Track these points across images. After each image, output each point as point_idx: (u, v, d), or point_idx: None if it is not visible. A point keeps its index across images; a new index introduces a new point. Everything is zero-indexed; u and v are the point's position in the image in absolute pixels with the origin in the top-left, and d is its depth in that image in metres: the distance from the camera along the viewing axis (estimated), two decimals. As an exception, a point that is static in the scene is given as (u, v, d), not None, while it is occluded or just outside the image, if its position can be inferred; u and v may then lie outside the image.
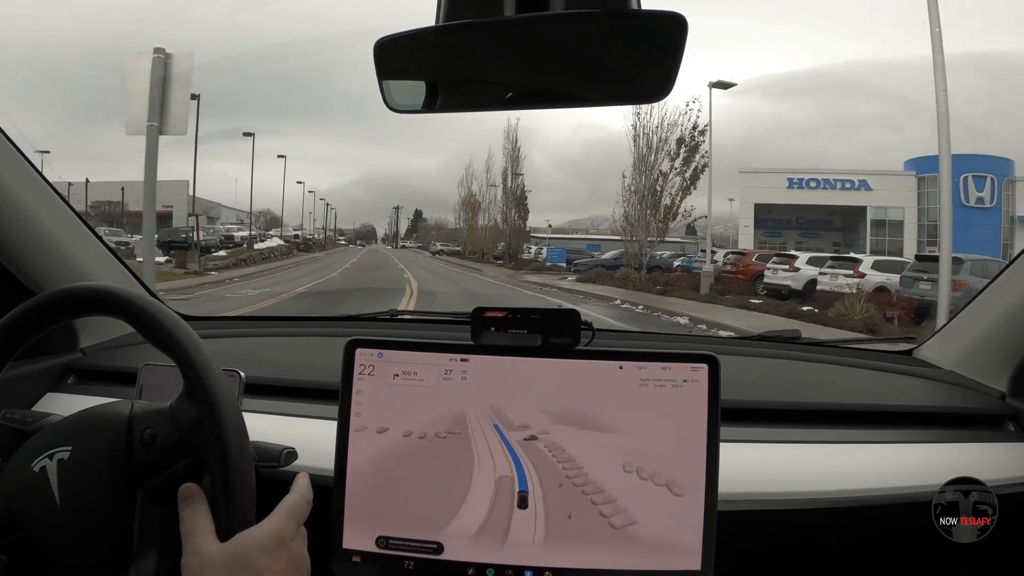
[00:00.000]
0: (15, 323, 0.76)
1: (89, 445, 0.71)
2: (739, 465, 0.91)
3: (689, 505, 0.80)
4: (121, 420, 0.72)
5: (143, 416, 0.72)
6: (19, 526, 0.70)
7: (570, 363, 0.83)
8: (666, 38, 0.70)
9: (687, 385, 0.82)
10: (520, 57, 0.76)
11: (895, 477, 0.95)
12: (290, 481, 0.95)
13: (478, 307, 0.86)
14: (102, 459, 0.70)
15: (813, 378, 1.23)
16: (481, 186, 30.65)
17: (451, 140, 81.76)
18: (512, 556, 0.81)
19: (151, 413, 0.73)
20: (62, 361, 1.24)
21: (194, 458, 0.71)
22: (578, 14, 0.72)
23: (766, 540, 0.94)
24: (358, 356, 0.85)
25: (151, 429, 0.71)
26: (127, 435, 0.71)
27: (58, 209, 1.18)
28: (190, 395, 0.69)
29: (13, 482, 0.72)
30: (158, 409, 0.73)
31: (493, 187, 29.15)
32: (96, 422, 0.73)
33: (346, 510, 0.83)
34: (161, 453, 0.71)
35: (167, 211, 29.60)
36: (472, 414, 0.83)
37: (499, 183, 27.51)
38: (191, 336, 0.71)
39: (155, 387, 1.00)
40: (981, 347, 1.14)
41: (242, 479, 0.66)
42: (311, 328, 1.60)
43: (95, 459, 0.70)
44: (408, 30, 0.76)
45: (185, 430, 0.70)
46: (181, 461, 0.71)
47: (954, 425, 1.06)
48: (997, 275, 1.13)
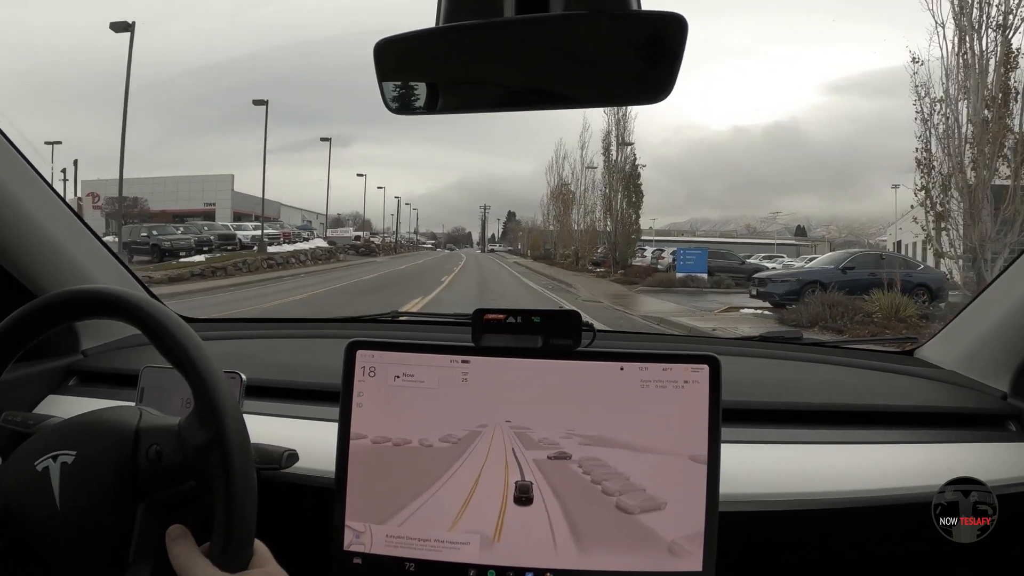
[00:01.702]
0: (17, 325, 0.76)
1: (94, 452, 0.71)
2: (740, 466, 0.91)
3: (690, 506, 0.80)
4: (128, 431, 0.72)
5: (150, 431, 0.72)
6: (16, 523, 0.70)
7: (571, 364, 0.83)
8: (666, 39, 0.70)
9: (688, 386, 0.82)
10: (520, 58, 0.76)
11: (896, 477, 0.95)
12: (291, 483, 0.95)
13: (479, 308, 0.86)
14: (106, 469, 0.70)
15: (814, 378, 1.22)
16: (575, 167, 23.21)
17: (546, 141, 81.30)
18: (513, 557, 0.81)
19: (159, 429, 0.72)
20: (63, 363, 1.24)
21: (198, 481, 0.70)
22: (578, 15, 0.72)
23: (767, 541, 0.94)
24: (359, 358, 0.85)
25: (157, 446, 0.70)
26: (133, 448, 0.71)
27: (58, 210, 1.19)
28: (199, 418, 0.68)
29: (14, 478, 0.72)
30: (166, 426, 0.72)
31: (591, 168, 21.72)
32: (103, 429, 0.73)
33: (347, 512, 0.83)
34: (165, 471, 0.70)
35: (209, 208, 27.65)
36: (473, 415, 0.83)
37: (599, 162, 19.10)
38: (197, 345, 0.70)
39: (156, 389, 1.00)
40: (982, 347, 1.14)
41: (243, 511, 0.65)
42: (312, 329, 1.61)
43: (99, 467, 0.70)
44: (408, 31, 0.76)
45: (192, 453, 0.69)
46: (185, 482, 0.70)
47: (955, 425, 1.06)
48: (998, 275, 1.13)
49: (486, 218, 57.57)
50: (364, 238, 31.95)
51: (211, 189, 27.68)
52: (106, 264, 1.30)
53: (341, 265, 22.30)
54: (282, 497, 0.93)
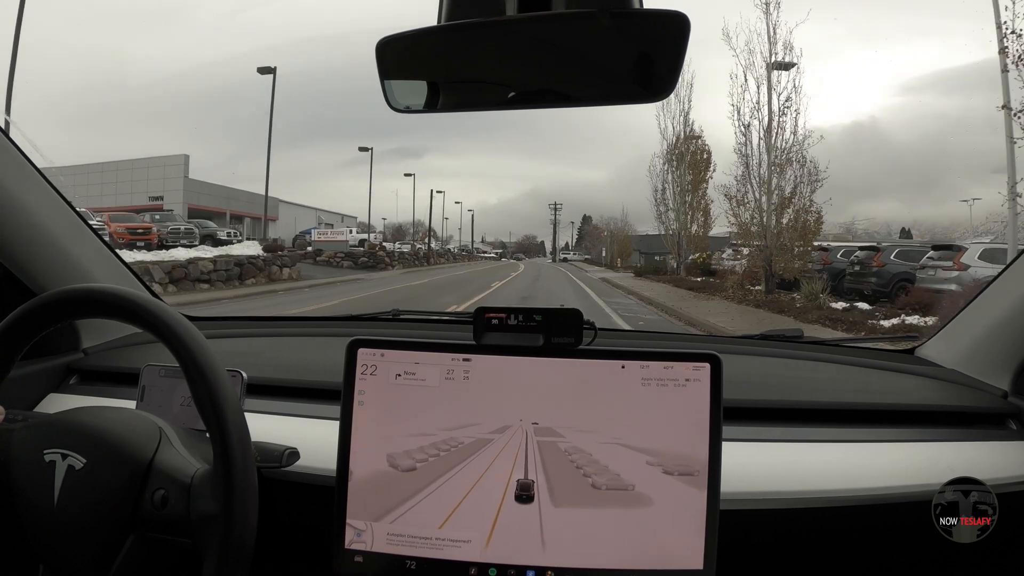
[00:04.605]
0: (18, 323, 0.76)
1: (104, 471, 0.71)
2: (741, 464, 0.91)
3: (691, 504, 0.80)
4: (142, 462, 0.71)
5: (162, 473, 0.71)
6: (11, 494, 0.70)
7: (572, 363, 0.83)
8: (668, 37, 0.70)
9: (689, 384, 0.82)
10: (522, 56, 0.76)
11: (897, 476, 0.95)
12: (292, 481, 0.95)
13: (480, 307, 0.86)
14: (109, 491, 0.70)
15: (815, 377, 1.22)
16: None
17: (619, 149, 79.96)
18: (514, 555, 0.81)
19: (171, 474, 0.71)
20: (64, 361, 1.24)
21: (194, 544, 0.69)
22: (580, 13, 0.72)
23: (768, 539, 0.94)
24: (360, 356, 0.85)
25: (164, 492, 0.70)
26: (141, 482, 0.70)
27: (59, 209, 1.18)
28: (214, 482, 0.67)
29: (19, 453, 0.72)
30: (179, 474, 0.71)
31: (695, 139, 14.52)
32: (119, 449, 0.72)
33: (348, 509, 0.83)
34: (165, 520, 0.70)
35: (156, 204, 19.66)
36: (474, 414, 0.83)
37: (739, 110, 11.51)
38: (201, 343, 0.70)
39: (157, 388, 1.00)
40: (983, 346, 1.14)
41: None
42: (313, 328, 1.61)
43: (103, 487, 0.70)
44: (410, 30, 0.76)
45: (196, 517, 0.68)
46: (181, 537, 0.69)
47: (956, 424, 1.06)
48: (999, 273, 1.13)
49: (557, 220, 50.17)
50: (369, 243, 24.63)
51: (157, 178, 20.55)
52: (107, 263, 1.30)
53: (267, 289, 13.99)
54: (283, 495, 0.93)
